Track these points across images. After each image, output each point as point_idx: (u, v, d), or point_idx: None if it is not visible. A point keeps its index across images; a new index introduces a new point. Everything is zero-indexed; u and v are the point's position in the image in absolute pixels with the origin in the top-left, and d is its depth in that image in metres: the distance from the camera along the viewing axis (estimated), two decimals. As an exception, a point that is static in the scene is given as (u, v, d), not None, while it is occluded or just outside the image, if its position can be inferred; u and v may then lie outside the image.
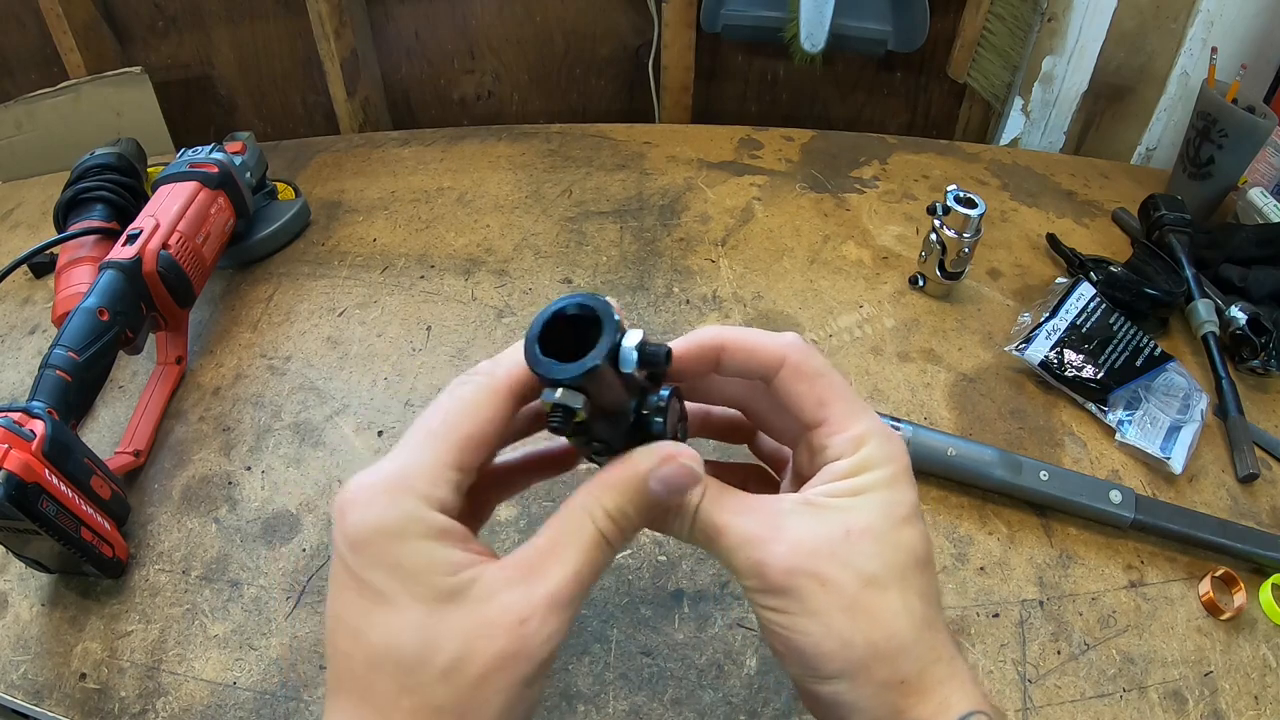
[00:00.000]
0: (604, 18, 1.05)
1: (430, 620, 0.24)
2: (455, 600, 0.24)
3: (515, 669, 0.24)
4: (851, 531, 0.27)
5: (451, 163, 0.89)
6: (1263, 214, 0.74)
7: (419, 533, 0.24)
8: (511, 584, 0.25)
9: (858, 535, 0.27)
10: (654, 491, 0.27)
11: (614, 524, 0.26)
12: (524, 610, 0.24)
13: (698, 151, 0.89)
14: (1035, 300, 0.68)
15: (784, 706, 0.45)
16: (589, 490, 0.27)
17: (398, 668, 0.24)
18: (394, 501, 0.25)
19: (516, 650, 0.24)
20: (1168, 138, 0.92)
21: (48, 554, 0.49)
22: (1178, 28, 0.86)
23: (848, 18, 0.91)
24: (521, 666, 0.24)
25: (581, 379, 0.24)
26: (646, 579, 0.51)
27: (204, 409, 0.63)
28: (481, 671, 0.24)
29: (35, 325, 0.72)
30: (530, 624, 0.24)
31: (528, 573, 0.25)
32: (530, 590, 0.25)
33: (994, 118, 1.01)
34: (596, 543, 0.26)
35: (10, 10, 1.05)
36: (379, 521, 0.24)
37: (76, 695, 0.47)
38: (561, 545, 0.26)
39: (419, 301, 0.71)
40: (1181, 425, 0.58)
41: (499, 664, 0.24)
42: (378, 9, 1.06)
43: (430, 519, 0.25)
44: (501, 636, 0.24)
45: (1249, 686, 0.47)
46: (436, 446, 0.26)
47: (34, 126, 1.00)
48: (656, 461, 0.27)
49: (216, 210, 0.68)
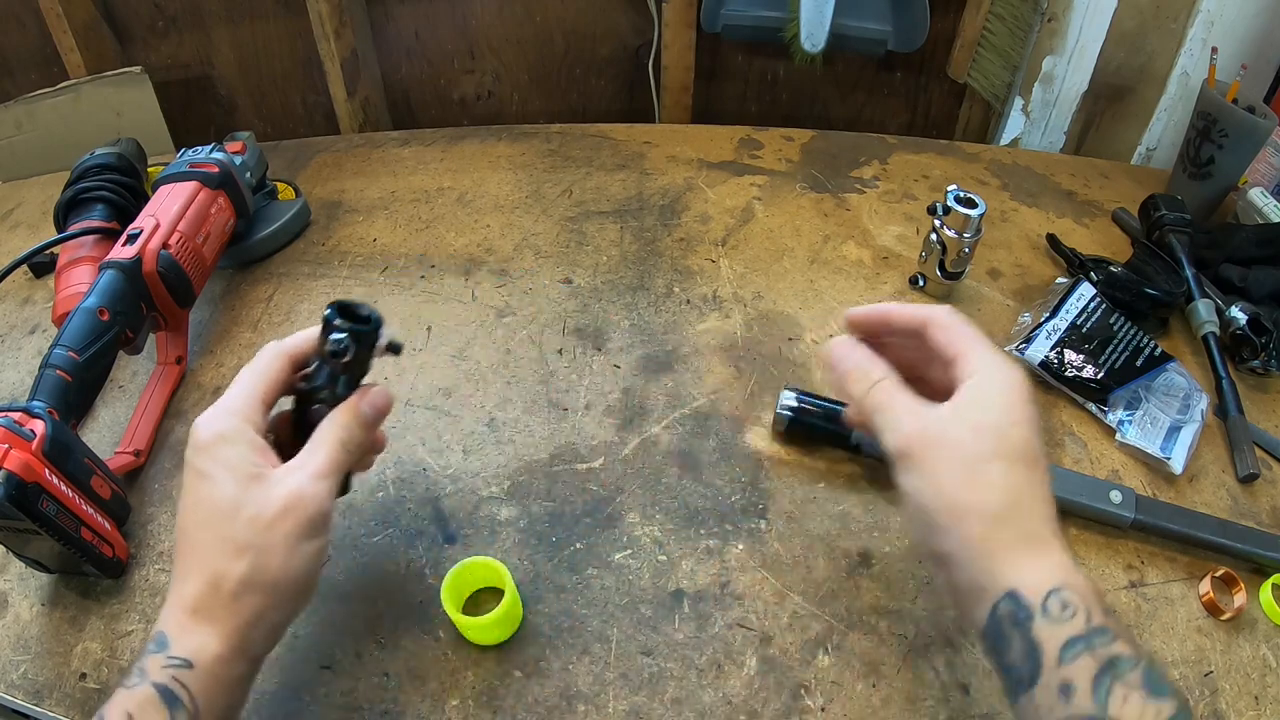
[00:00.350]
0: (604, 18, 1.05)
1: (239, 491, 0.38)
2: (256, 481, 0.38)
3: (294, 517, 0.38)
4: (977, 426, 0.36)
5: (451, 163, 0.89)
6: (1263, 214, 0.74)
7: (238, 439, 0.40)
8: (290, 471, 0.40)
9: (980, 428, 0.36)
10: (363, 411, 0.43)
11: (346, 431, 0.42)
12: (297, 482, 0.39)
13: (698, 151, 0.89)
14: (1035, 300, 0.68)
15: (784, 706, 0.45)
16: (332, 416, 0.42)
17: (217, 522, 0.37)
18: (226, 420, 0.40)
19: (293, 505, 0.38)
20: (1168, 138, 0.92)
21: (48, 554, 0.49)
22: (1178, 28, 0.86)
23: (848, 18, 0.91)
24: (298, 515, 0.38)
25: (359, 332, 0.42)
26: (646, 579, 0.51)
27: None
28: (270, 519, 0.37)
29: (35, 325, 0.72)
30: (303, 489, 0.39)
31: (300, 465, 0.40)
32: (301, 472, 0.39)
33: (994, 118, 1.01)
34: (339, 442, 0.41)
35: (10, 10, 1.05)
36: (216, 432, 0.40)
37: (76, 695, 0.47)
38: (318, 446, 0.41)
39: (419, 301, 0.71)
40: (1182, 425, 0.58)
41: (282, 514, 0.38)
42: (378, 9, 1.06)
43: (247, 433, 0.40)
44: (282, 498, 0.38)
45: (1249, 686, 0.47)
46: (251, 390, 0.42)
47: (34, 126, 1.00)
48: (362, 395, 0.43)
49: (216, 210, 0.68)
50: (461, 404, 0.62)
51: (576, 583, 0.51)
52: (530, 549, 0.53)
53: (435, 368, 0.65)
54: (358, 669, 0.48)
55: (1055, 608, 0.32)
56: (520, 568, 0.52)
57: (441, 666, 0.48)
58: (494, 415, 0.61)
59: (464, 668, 0.48)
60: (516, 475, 0.57)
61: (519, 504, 0.56)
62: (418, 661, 0.48)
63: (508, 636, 0.49)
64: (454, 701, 0.46)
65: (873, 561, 0.52)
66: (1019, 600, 0.33)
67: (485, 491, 0.56)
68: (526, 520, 0.55)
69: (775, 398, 0.59)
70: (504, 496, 0.56)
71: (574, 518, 0.55)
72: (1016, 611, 0.33)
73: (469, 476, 0.57)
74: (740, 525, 0.54)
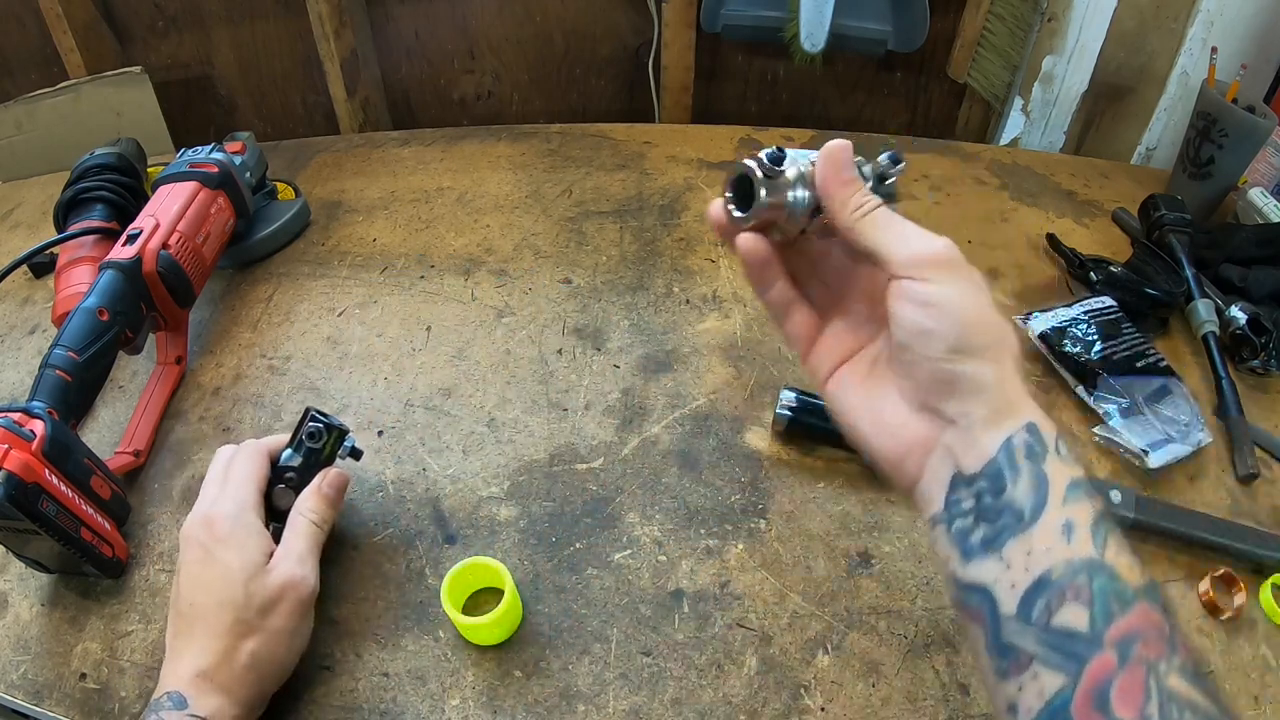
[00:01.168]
0: (604, 18, 1.05)
1: (249, 579, 0.44)
2: (262, 570, 0.45)
3: (290, 599, 0.45)
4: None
5: (451, 163, 0.89)
6: (1263, 214, 0.74)
7: (253, 531, 0.47)
8: (281, 560, 0.46)
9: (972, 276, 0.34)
10: (324, 492, 0.50)
11: (316, 514, 0.49)
12: (288, 568, 0.46)
13: (698, 151, 0.89)
14: (1048, 305, 0.67)
15: (784, 706, 0.46)
16: (300, 503, 0.49)
17: (231, 604, 0.43)
18: (243, 515, 0.47)
19: (289, 589, 0.45)
20: (1168, 138, 0.92)
21: (48, 554, 0.49)
22: (1178, 28, 0.86)
23: (848, 18, 0.91)
24: (292, 598, 0.45)
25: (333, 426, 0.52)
26: (646, 579, 0.51)
27: (204, 409, 0.63)
28: (274, 601, 0.44)
29: (35, 325, 0.72)
30: (293, 574, 0.45)
31: (285, 554, 0.46)
32: (289, 559, 0.46)
33: (994, 117, 1.01)
34: (311, 524, 0.48)
35: (10, 10, 1.05)
36: (237, 524, 0.46)
37: (76, 695, 0.47)
38: (296, 533, 0.48)
39: (419, 301, 0.71)
40: (1174, 442, 0.57)
41: (281, 596, 0.45)
42: (378, 9, 1.06)
43: (257, 525, 0.47)
44: (280, 584, 0.45)
45: (1249, 686, 0.47)
46: (252, 486, 0.49)
47: (34, 126, 1.00)
48: (321, 480, 0.50)
49: (216, 210, 0.68)
50: (461, 404, 0.62)
51: (576, 583, 0.51)
52: (530, 549, 0.53)
53: (435, 368, 0.65)
54: (358, 669, 0.48)
55: (1064, 448, 0.32)
56: (520, 568, 0.52)
57: (441, 666, 0.48)
58: (494, 415, 0.61)
59: (464, 668, 0.48)
60: (516, 475, 0.57)
61: (519, 504, 0.56)
62: (418, 661, 0.48)
63: (508, 636, 0.49)
64: (454, 701, 0.46)
65: (873, 561, 0.52)
66: (1037, 433, 0.32)
67: (485, 491, 0.56)
68: (526, 520, 0.55)
69: (775, 398, 0.59)
70: (504, 496, 0.56)
71: (574, 518, 0.55)
72: (1033, 444, 0.32)
73: (469, 476, 0.57)
74: (740, 525, 0.54)
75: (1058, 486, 0.31)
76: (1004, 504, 0.32)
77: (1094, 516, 0.31)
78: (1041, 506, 0.31)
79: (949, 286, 0.33)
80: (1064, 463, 0.32)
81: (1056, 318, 0.64)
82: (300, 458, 0.51)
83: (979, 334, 0.33)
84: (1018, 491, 0.31)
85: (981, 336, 0.33)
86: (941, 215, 0.80)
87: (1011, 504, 0.31)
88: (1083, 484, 0.31)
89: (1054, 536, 0.30)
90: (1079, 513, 0.31)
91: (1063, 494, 0.31)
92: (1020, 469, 0.32)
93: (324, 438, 0.51)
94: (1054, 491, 0.31)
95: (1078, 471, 0.32)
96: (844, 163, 0.37)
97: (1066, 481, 0.31)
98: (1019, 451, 0.32)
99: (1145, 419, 0.58)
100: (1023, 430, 0.32)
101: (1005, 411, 0.32)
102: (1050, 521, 0.30)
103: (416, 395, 0.63)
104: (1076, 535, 0.30)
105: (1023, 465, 0.32)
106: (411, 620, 0.50)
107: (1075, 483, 0.31)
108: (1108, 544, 0.30)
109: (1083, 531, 0.30)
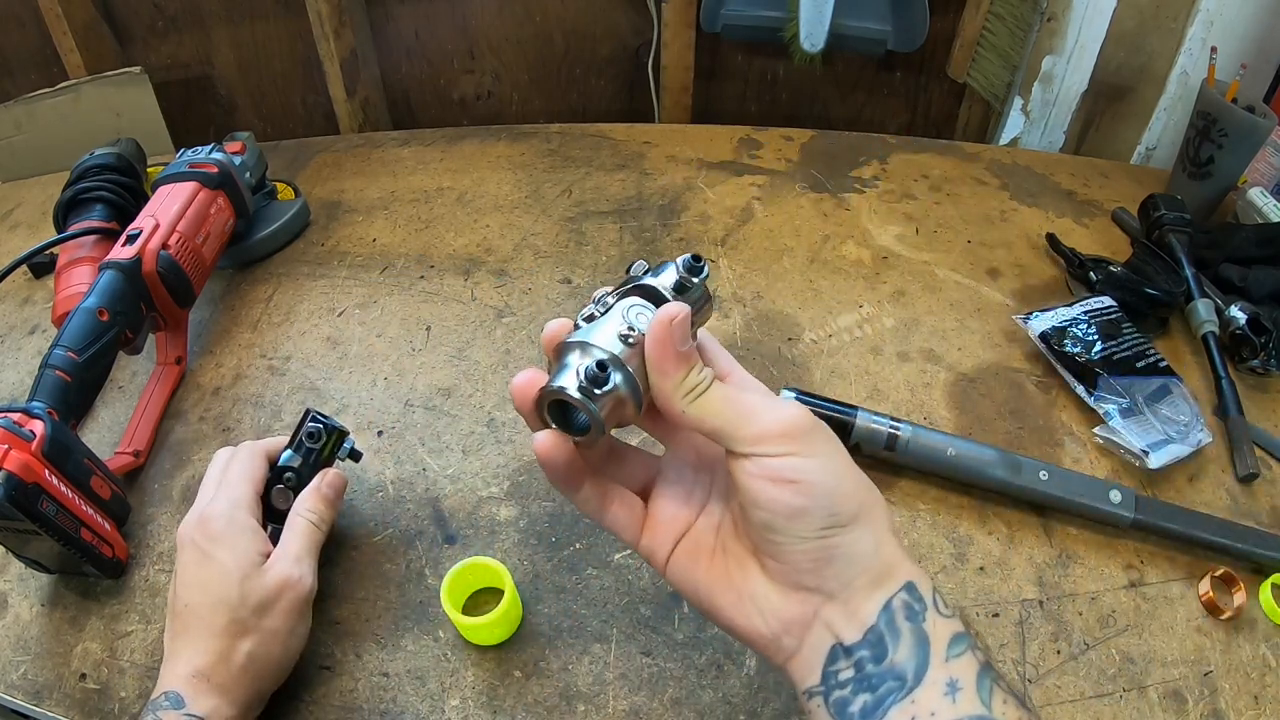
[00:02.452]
0: (604, 18, 1.05)
1: (245, 579, 0.44)
2: (257, 569, 0.45)
3: (287, 599, 0.44)
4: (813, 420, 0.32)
5: (451, 163, 0.89)
6: (1263, 214, 0.74)
7: (247, 530, 0.46)
8: (278, 560, 0.46)
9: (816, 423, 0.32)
10: (324, 492, 0.50)
11: (315, 514, 0.49)
12: (285, 568, 0.45)
13: (697, 151, 0.89)
14: (1047, 305, 0.67)
15: (784, 706, 0.45)
16: (300, 503, 0.49)
17: (227, 604, 0.43)
18: (237, 514, 0.47)
19: (285, 588, 0.45)
20: (1168, 137, 0.92)
21: (48, 554, 0.49)
22: (1177, 27, 0.86)
23: (847, 17, 0.91)
24: (290, 598, 0.45)
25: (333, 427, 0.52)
26: (646, 579, 0.51)
27: (204, 409, 0.63)
28: (269, 604, 0.44)
29: (35, 325, 0.72)
30: (289, 573, 0.45)
31: (282, 553, 0.46)
32: (286, 559, 0.46)
33: (994, 117, 1.01)
34: (309, 524, 0.48)
35: (10, 10, 1.05)
36: (230, 523, 0.46)
37: (76, 695, 0.47)
38: (295, 532, 0.48)
39: (419, 301, 0.71)
40: (1174, 442, 0.57)
41: (277, 598, 0.44)
42: (378, 9, 1.06)
43: (251, 524, 0.47)
44: (276, 584, 0.44)
45: (1249, 686, 0.47)
46: (248, 486, 0.48)
47: (34, 126, 1.00)
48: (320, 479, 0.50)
49: (216, 210, 0.68)
50: (461, 404, 0.62)
51: (576, 583, 0.51)
52: (530, 549, 0.53)
53: (435, 368, 0.65)
54: (357, 669, 0.48)
55: (942, 603, 0.31)
56: (520, 568, 0.52)
57: (441, 666, 0.48)
58: (493, 415, 0.61)
59: (464, 668, 0.48)
60: (516, 475, 0.57)
61: (518, 504, 0.56)
62: (418, 661, 0.48)
63: (508, 636, 0.49)
64: (454, 701, 0.46)
65: (872, 561, 0.52)
66: (915, 591, 0.31)
67: (485, 491, 0.56)
68: (526, 520, 0.55)
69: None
70: (503, 496, 0.56)
71: (574, 517, 0.55)
72: (912, 603, 0.31)
73: (469, 476, 0.57)
74: (740, 525, 0.54)
75: (939, 643, 0.30)
76: (885, 670, 0.30)
77: (978, 670, 0.29)
78: (924, 667, 0.30)
79: (812, 458, 0.31)
80: (944, 618, 0.31)
81: (1056, 318, 0.64)
82: (300, 458, 0.51)
83: (851, 501, 0.31)
84: (899, 655, 0.30)
85: (852, 502, 0.31)
86: (941, 215, 0.80)
87: (893, 668, 0.30)
88: (965, 638, 0.30)
89: (938, 698, 0.29)
90: (963, 669, 0.29)
91: (944, 651, 0.30)
92: (900, 631, 0.30)
93: (323, 438, 0.51)
94: (935, 650, 0.30)
95: (957, 625, 0.31)
96: (671, 342, 0.32)
97: (949, 637, 0.30)
98: (899, 613, 0.30)
99: (1145, 419, 0.58)
100: (902, 591, 0.31)
101: (884, 574, 0.31)
102: (934, 681, 0.29)
103: (416, 395, 0.63)
104: (962, 693, 0.29)
105: (903, 627, 0.30)
106: (411, 620, 0.50)
107: (957, 637, 0.30)
108: (993, 696, 0.29)
109: (968, 689, 0.29)
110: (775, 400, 0.33)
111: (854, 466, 0.32)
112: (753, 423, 0.31)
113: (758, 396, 0.33)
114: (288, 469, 0.50)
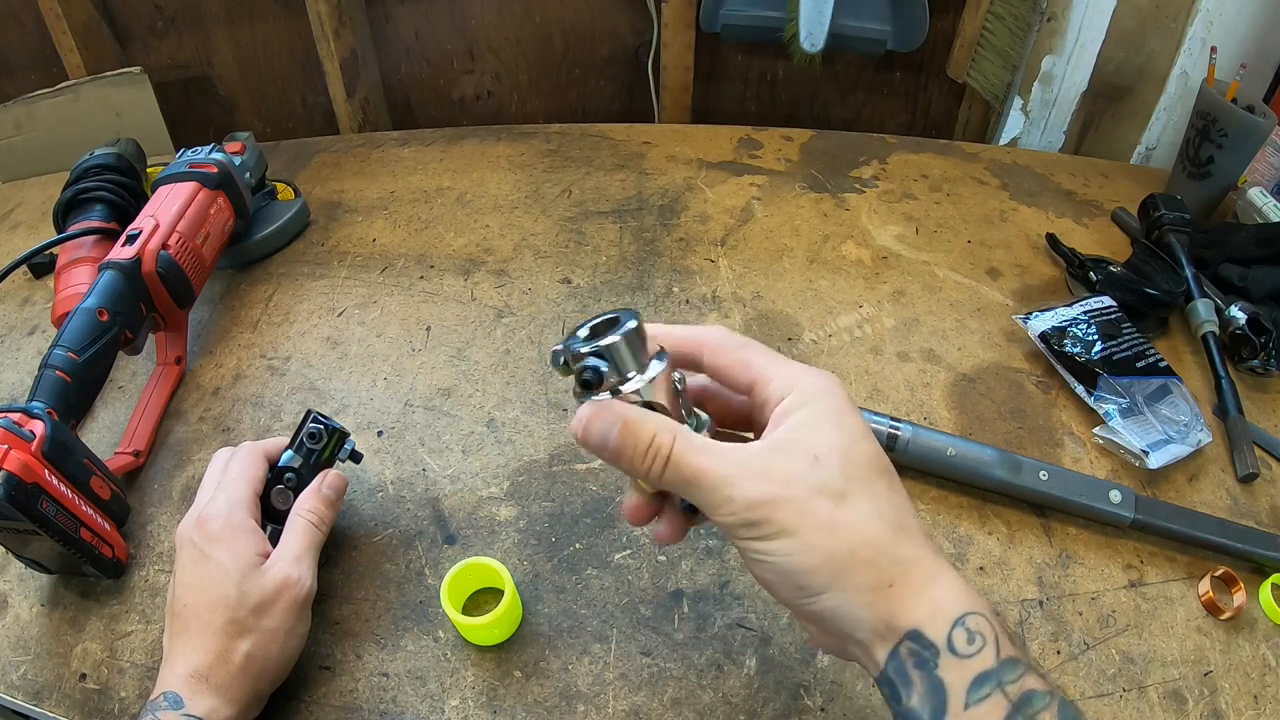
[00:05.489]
0: (603, 18, 1.05)
1: (243, 579, 0.44)
2: (256, 570, 0.45)
3: (286, 599, 0.44)
4: (818, 455, 0.31)
5: (451, 163, 0.89)
6: (1262, 213, 0.74)
7: (245, 531, 0.46)
8: (277, 559, 0.46)
9: (825, 456, 0.31)
10: (325, 493, 0.50)
11: (315, 514, 0.49)
12: (284, 568, 0.45)
13: (697, 151, 0.89)
14: (1047, 305, 0.67)
15: (784, 706, 0.45)
16: (300, 503, 0.49)
17: (225, 604, 0.43)
18: (235, 514, 0.46)
19: (284, 589, 0.44)
20: (1167, 137, 0.92)
21: (48, 554, 0.49)
22: (1177, 27, 0.86)
23: (847, 18, 0.91)
24: (288, 598, 0.44)
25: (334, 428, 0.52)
26: (646, 579, 0.51)
27: (204, 409, 0.63)
28: (268, 604, 0.44)
29: (35, 325, 0.72)
30: (289, 574, 0.45)
31: (282, 554, 0.46)
32: (286, 559, 0.46)
33: (993, 117, 1.01)
34: (309, 524, 0.48)
35: (10, 10, 1.05)
36: (228, 524, 0.46)
37: (76, 695, 0.47)
38: (295, 532, 0.47)
39: (418, 301, 0.71)
40: (1174, 442, 0.57)
41: (276, 598, 0.44)
42: (377, 9, 1.06)
43: (250, 524, 0.47)
44: (275, 584, 0.44)
45: (1249, 686, 0.47)
46: (247, 486, 0.48)
47: (34, 126, 1.00)
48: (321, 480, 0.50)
49: (216, 210, 0.68)
50: (461, 404, 0.62)
51: (576, 583, 0.51)
52: (530, 549, 0.53)
53: (434, 368, 0.65)
54: (357, 669, 0.48)
55: (961, 641, 0.29)
56: (520, 568, 0.52)
57: (441, 666, 0.48)
58: (493, 415, 0.61)
59: (464, 668, 0.48)
60: (516, 475, 0.57)
61: (518, 504, 0.56)
62: (417, 662, 0.48)
63: (508, 636, 0.49)
64: (454, 701, 0.46)
65: (872, 561, 0.52)
66: (923, 639, 0.30)
67: (485, 492, 0.56)
68: (526, 520, 0.55)
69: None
70: (503, 497, 0.56)
71: (573, 518, 0.55)
72: (921, 652, 0.30)
73: (468, 477, 0.57)
74: (740, 525, 0.54)
75: (957, 690, 0.29)
76: (905, 711, 0.30)
77: (1009, 710, 0.28)
78: (941, 714, 0.29)
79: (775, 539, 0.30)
80: (963, 659, 0.29)
81: (1056, 318, 0.64)
82: (300, 459, 0.51)
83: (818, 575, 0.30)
84: (913, 702, 0.30)
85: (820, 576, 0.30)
86: (941, 215, 0.80)
87: (911, 713, 0.30)
88: (992, 675, 0.29)
89: None
90: (986, 714, 0.28)
91: (964, 698, 0.29)
92: (912, 680, 0.30)
93: (325, 439, 0.51)
94: (953, 697, 0.29)
95: (984, 663, 0.29)
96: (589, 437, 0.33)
97: (968, 681, 0.29)
98: (907, 662, 0.30)
99: (1145, 419, 0.58)
100: (907, 640, 0.30)
101: (883, 629, 0.30)
102: None
103: (416, 395, 0.63)
104: None
105: (914, 675, 0.30)
106: (411, 620, 0.50)
107: (981, 678, 0.29)
108: None
109: None
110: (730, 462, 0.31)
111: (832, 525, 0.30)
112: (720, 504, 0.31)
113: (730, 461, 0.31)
114: (288, 469, 0.50)
